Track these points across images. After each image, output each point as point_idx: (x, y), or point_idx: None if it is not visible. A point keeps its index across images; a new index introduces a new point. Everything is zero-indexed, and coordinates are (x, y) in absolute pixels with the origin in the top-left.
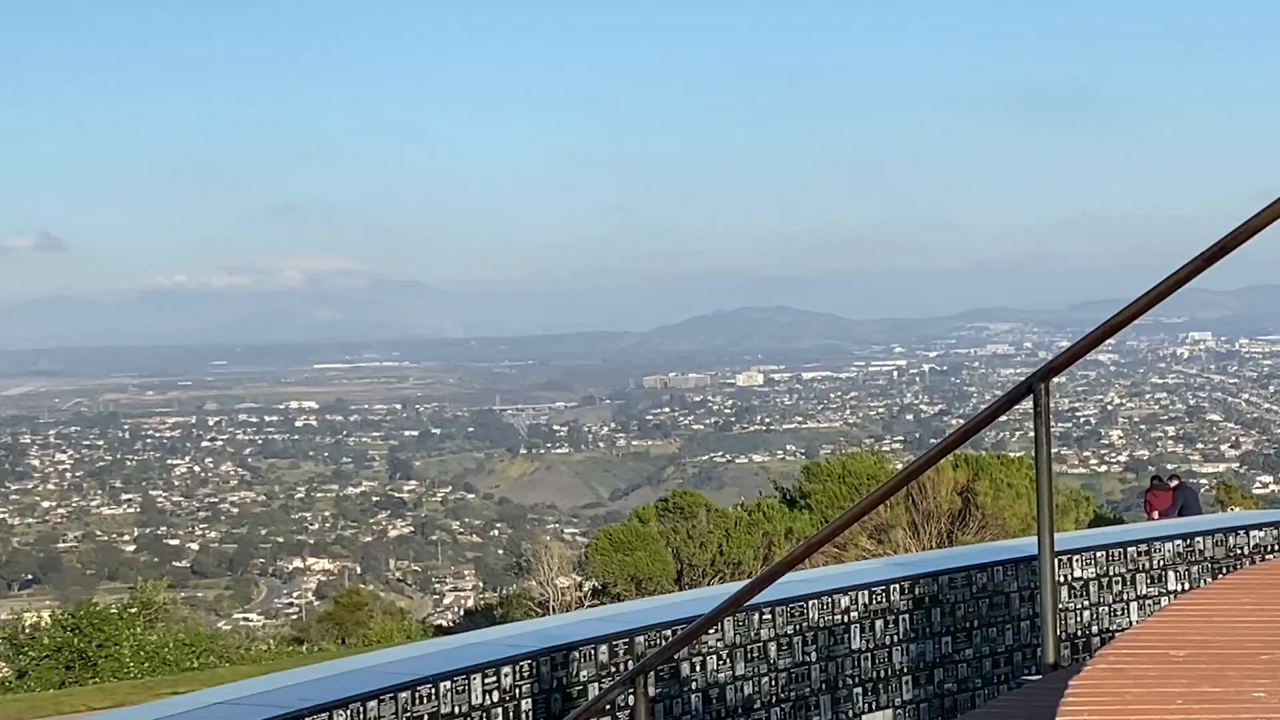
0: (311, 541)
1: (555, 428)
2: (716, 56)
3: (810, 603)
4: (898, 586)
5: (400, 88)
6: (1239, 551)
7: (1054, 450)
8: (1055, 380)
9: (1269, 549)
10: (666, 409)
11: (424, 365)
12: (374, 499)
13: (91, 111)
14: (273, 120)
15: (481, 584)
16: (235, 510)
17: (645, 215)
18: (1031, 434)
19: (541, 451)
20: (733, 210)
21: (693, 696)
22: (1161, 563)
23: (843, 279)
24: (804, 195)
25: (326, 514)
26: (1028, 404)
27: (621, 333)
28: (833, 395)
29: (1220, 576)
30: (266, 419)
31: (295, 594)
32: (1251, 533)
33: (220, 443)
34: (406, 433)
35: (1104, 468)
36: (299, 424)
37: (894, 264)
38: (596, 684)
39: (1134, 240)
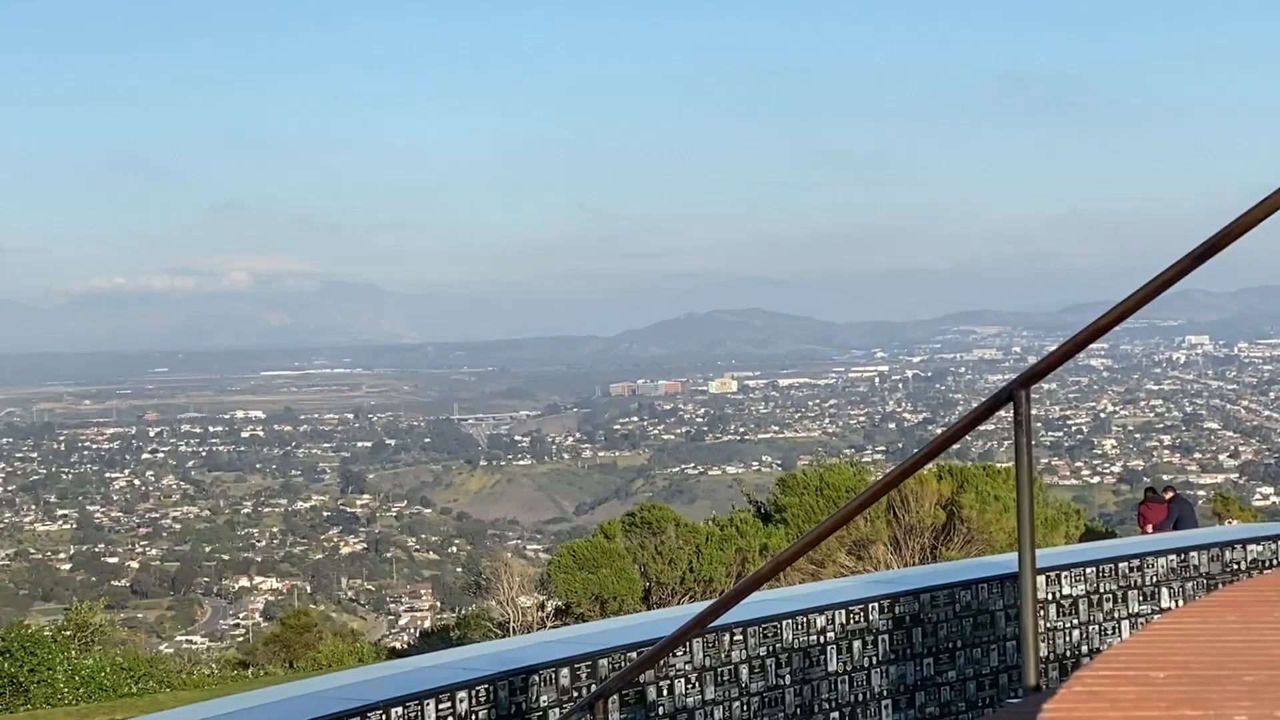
0: (258, 559)
1: (517, 438)
2: (689, 48)
3: (784, 623)
4: (877, 605)
5: (354, 80)
6: (1235, 567)
7: (1045, 460)
8: (1046, 387)
9: (1266, 564)
10: (634, 418)
11: (378, 372)
12: (325, 514)
13: (22, 107)
14: (217, 114)
15: (439, 604)
16: (178, 526)
17: (612, 214)
18: None
19: (502, 463)
20: (705, 209)
21: None
22: (1155, 579)
23: (821, 280)
24: (780, 193)
25: (274, 530)
26: (1010, 412)
27: (587, 337)
28: (811, 403)
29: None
30: (211, 429)
31: (241, 615)
32: (1249, 547)
33: (161, 455)
34: (359, 444)
35: (1096, 479)
36: (245, 435)
37: (875, 264)
38: (557, 709)
39: (1129, 238)
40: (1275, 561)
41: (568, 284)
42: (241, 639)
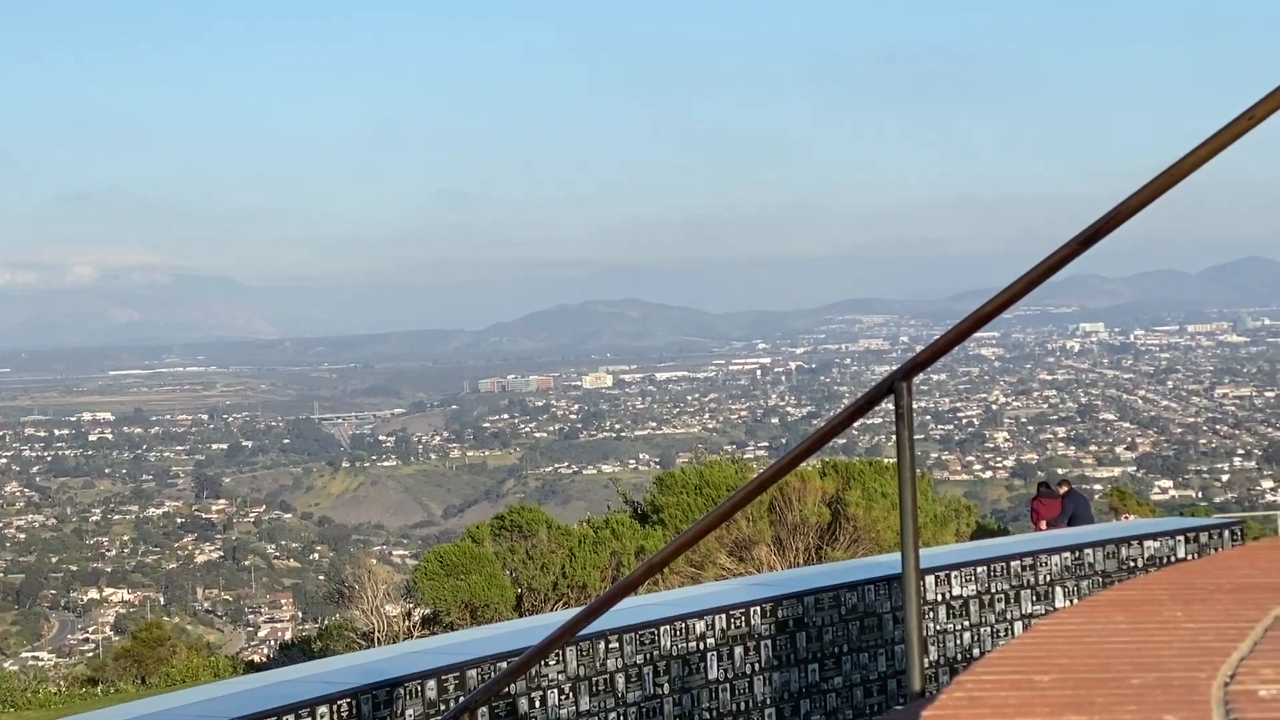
0: (108, 570)
1: (381, 438)
2: (556, 24)
3: (662, 629)
4: (759, 609)
5: (205, 62)
6: (1132, 564)
7: (935, 455)
8: (936, 378)
9: (1164, 560)
10: (505, 415)
11: (233, 370)
12: (179, 521)
13: None
14: (61, 99)
15: (300, 614)
16: (22, 536)
17: (480, 200)
18: None
19: (366, 465)
20: (577, 194)
21: None
22: (1049, 578)
23: (700, 269)
24: (656, 177)
25: (125, 538)
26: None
27: (454, 331)
28: (690, 397)
29: (1095, 593)
30: (56, 433)
31: (90, 629)
32: (1146, 543)
33: (4, 460)
34: (214, 446)
35: (988, 473)
36: (93, 438)
37: (756, 251)
38: None
39: (1021, 223)
40: (1173, 558)
41: (433, 275)
42: (91, 654)
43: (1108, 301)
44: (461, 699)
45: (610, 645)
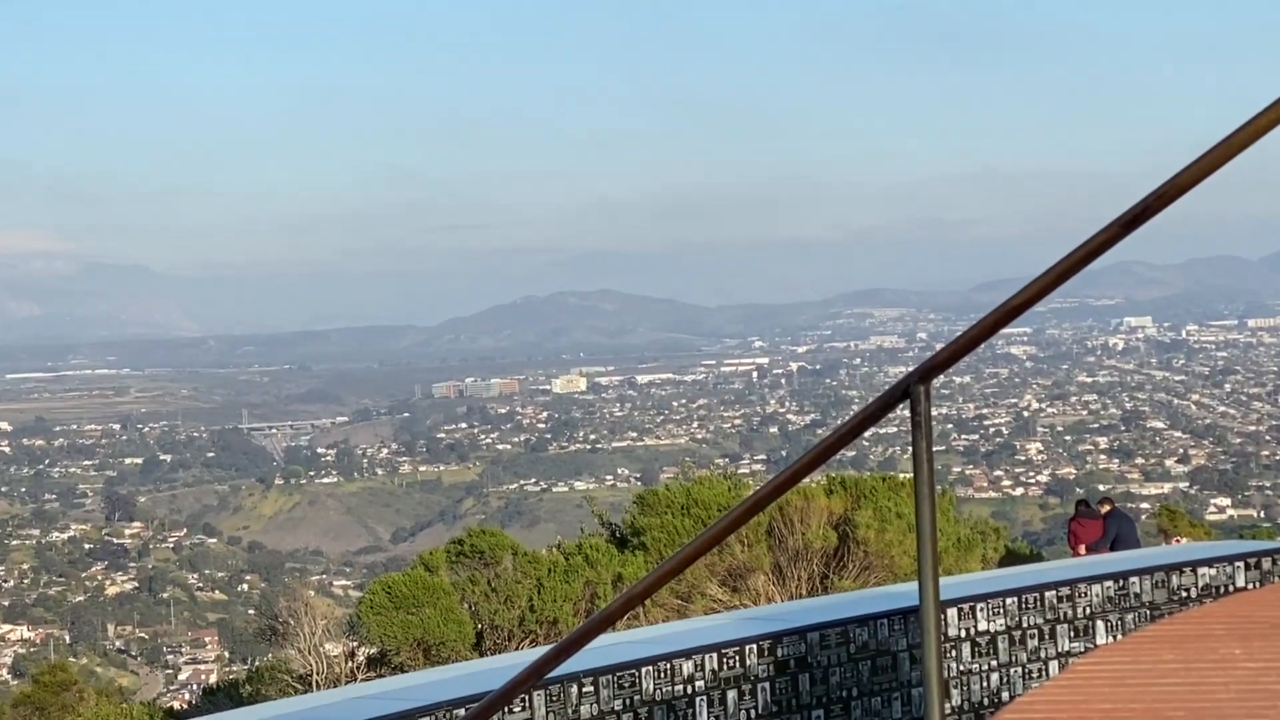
0: (6, 603)
1: (320, 451)
2: None
3: (644, 670)
4: (755, 647)
5: (114, 24)
6: (1184, 595)
7: (959, 469)
8: (959, 380)
9: (1221, 590)
10: (463, 424)
11: (149, 373)
12: (86, 547)
13: None
14: None
15: (227, 654)
16: None
17: (433, 176)
18: None
19: (303, 482)
20: (545, 171)
21: None
22: (1088, 610)
23: (686, 255)
24: (636, 152)
25: (25, 567)
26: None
27: (404, 327)
28: (675, 404)
29: (1142, 627)
30: None
31: None
32: (1200, 570)
33: None
34: (128, 460)
35: (1020, 490)
36: None
37: (751, 236)
38: None
39: (1055, 202)
40: (1231, 588)
41: (379, 263)
42: None
43: (1156, 292)
44: None
45: (584, 689)
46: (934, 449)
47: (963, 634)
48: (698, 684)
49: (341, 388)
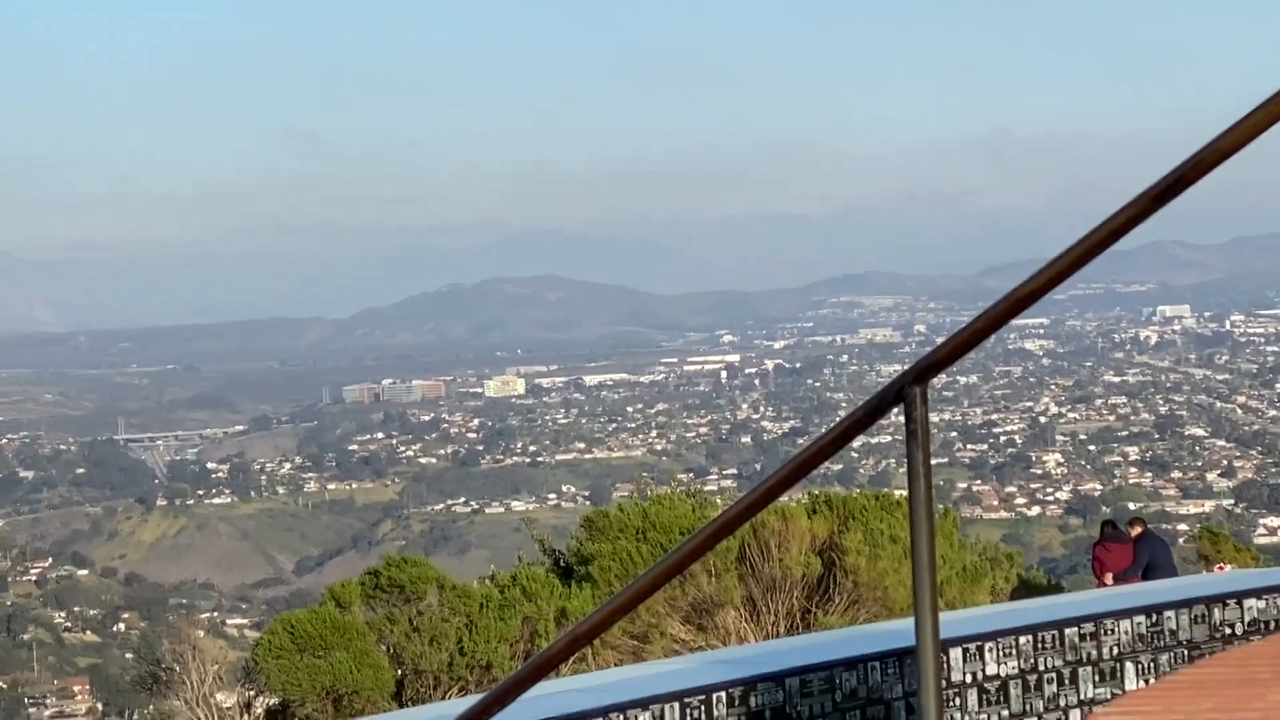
0: None
1: (211, 466)
2: None
3: None
4: (725, 695)
5: None
6: (1228, 632)
7: (964, 485)
8: (963, 380)
9: (1270, 627)
10: (379, 434)
11: (7, 374)
12: None
13: None
14: None
15: (100, 705)
16: None
17: (341, 142)
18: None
19: (190, 503)
20: (474, 134)
21: None
22: (1116, 651)
23: (642, 235)
24: (581, 113)
25: None
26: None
27: (309, 320)
28: (630, 409)
29: (1177, 669)
30: None
31: None
32: (1246, 603)
33: None
34: None
35: (1035, 510)
36: None
37: (719, 212)
38: None
39: (1075, 171)
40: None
41: (278, 244)
42: None
43: (1195, 277)
44: None
45: None
46: (934, 461)
47: (968, 679)
48: None
49: (235, 392)
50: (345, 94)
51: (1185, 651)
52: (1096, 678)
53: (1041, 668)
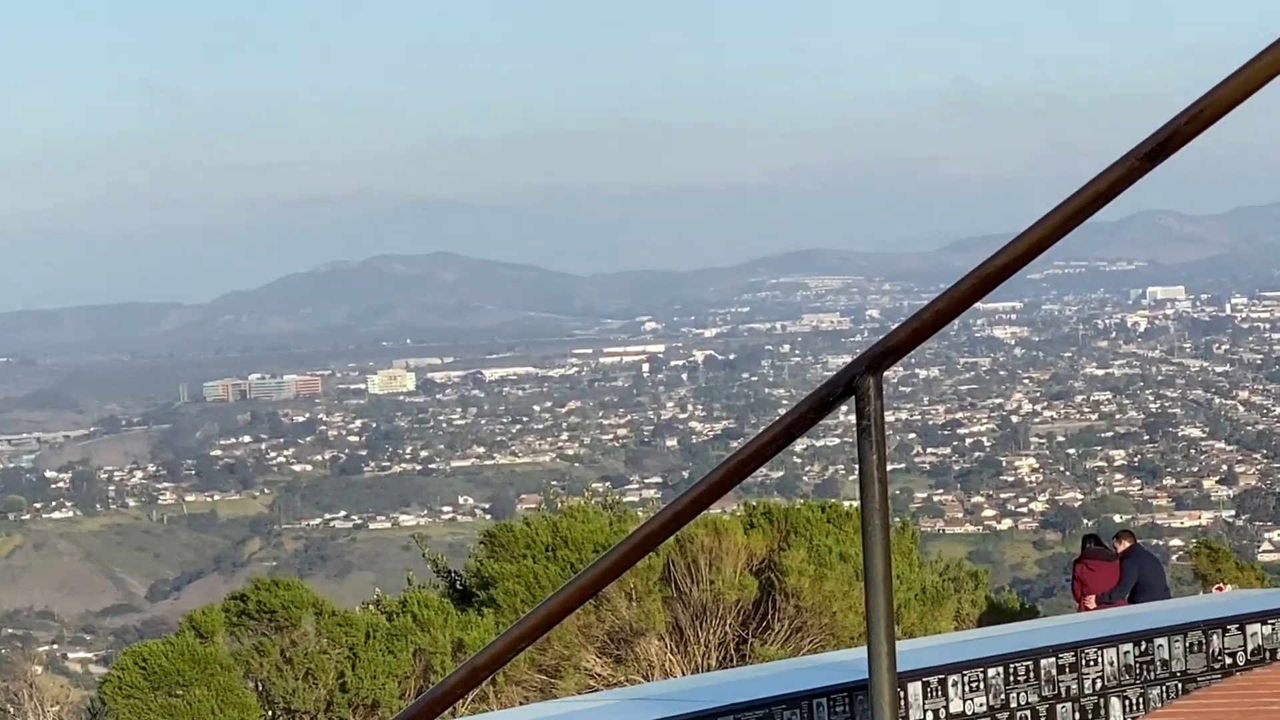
0: None
1: (50, 475)
2: None
3: None
4: None
5: None
6: (1227, 661)
7: (923, 495)
8: (921, 373)
9: (1275, 654)
10: (246, 438)
11: None
12: None
13: None
14: None
15: None
16: None
17: (202, 101)
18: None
19: (26, 517)
20: (354, 91)
21: None
22: (1099, 684)
23: (551, 206)
24: (478, 66)
25: None
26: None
27: (163, 305)
28: (537, 408)
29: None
30: None
31: None
32: (1249, 629)
33: None
34: None
35: (1006, 523)
36: None
37: (640, 179)
38: None
39: (1051, 129)
40: None
41: (129, 218)
42: None
43: (1192, 253)
44: None
45: None
46: (890, 466)
47: (929, 717)
48: None
49: (78, 388)
50: (211, 48)
51: (1179, 684)
52: (1077, 716)
53: (1014, 704)
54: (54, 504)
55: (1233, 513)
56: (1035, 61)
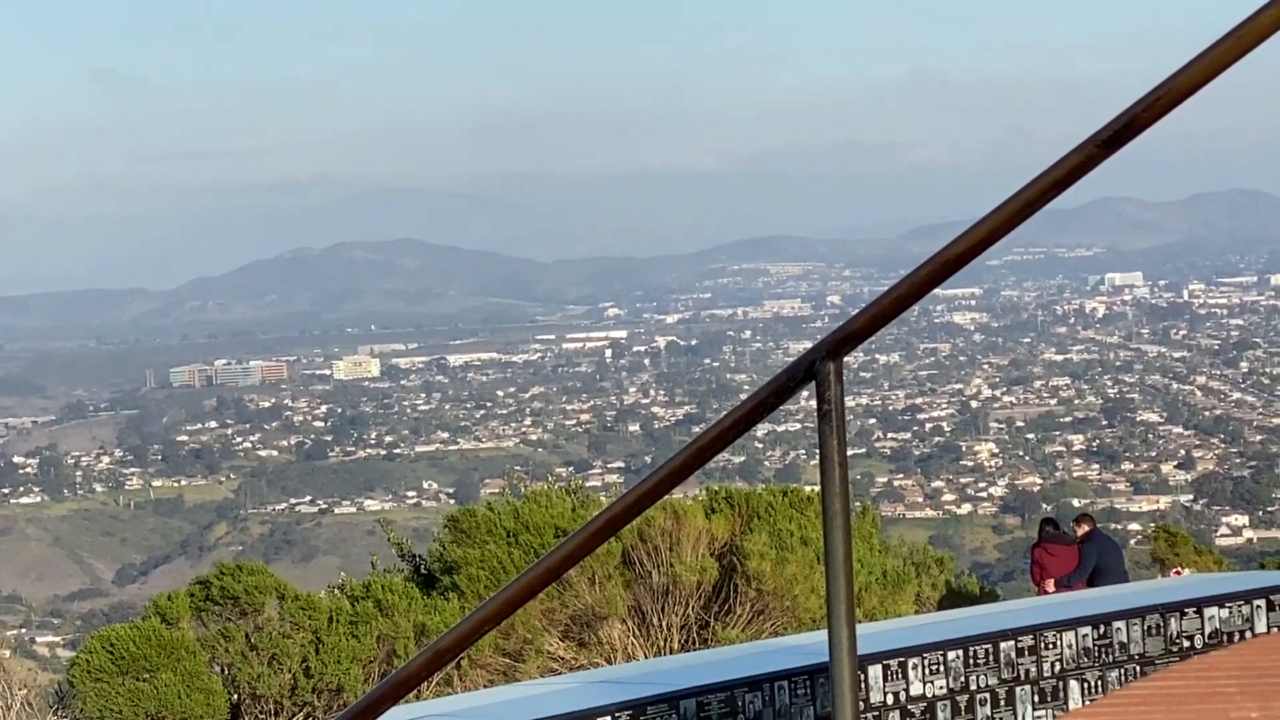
0: None
1: (17, 460)
2: None
3: None
4: (610, 719)
5: None
6: (1185, 644)
7: (883, 480)
8: (882, 359)
9: (1234, 637)
10: (212, 423)
11: None
12: None
13: None
14: None
15: None
16: None
17: (165, 87)
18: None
19: None
20: (318, 76)
21: None
22: (1059, 667)
23: (513, 193)
24: (444, 52)
25: None
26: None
27: (129, 292)
28: (501, 394)
29: (1129, 683)
30: None
31: None
32: (1207, 611)
33: None
34: None
35: (966, 507)
36: None
37: (602, 166)
38: None
39: (1010, 116)
40: (1248, 633)
41: (94, 204)
42: None
43: (1149, 240)
44: None
45: None
46: (851, 451)
47: (889, 700)
48: None
49: (44, 374)
50: (172, 33)
51: (1137, 667)
52: (1036, 698)
53: (973, 687)
54: (21, 489)
55: (1190, 497)
56: (994, 49)
